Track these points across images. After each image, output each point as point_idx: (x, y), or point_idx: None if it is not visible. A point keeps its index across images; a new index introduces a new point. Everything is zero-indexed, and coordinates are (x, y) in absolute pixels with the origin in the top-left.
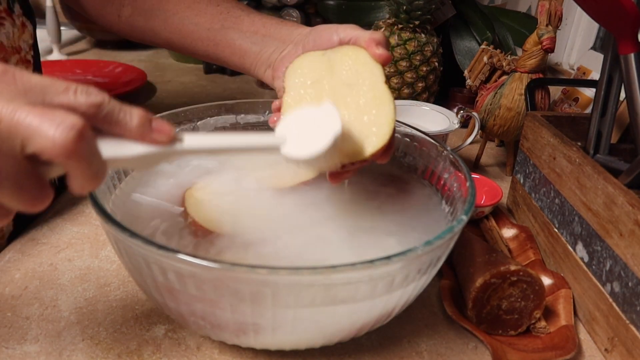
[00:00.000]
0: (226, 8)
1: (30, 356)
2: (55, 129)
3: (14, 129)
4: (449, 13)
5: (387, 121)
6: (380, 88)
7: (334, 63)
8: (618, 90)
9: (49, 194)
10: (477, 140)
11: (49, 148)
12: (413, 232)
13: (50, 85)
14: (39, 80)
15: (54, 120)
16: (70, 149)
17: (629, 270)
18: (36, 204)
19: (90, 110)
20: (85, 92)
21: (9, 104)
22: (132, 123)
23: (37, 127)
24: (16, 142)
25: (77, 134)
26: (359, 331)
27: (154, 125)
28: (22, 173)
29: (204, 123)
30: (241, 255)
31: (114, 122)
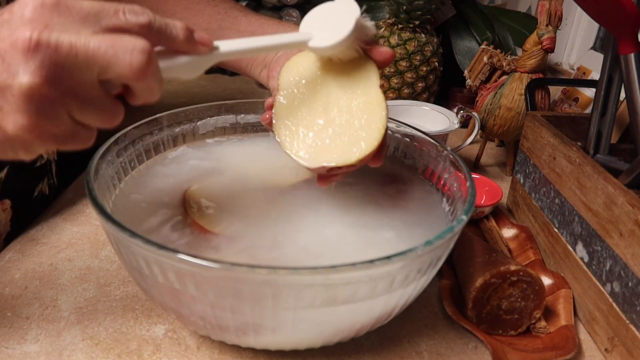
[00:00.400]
0: (224, 9)
1: (30, 356)
2: (130, 56)
3: (92, 60)
4: (449, 13)
5: (378, 127)
6: (373, 92)
7: (330, 63)
8: (618, 90)
9: (122, 108)
10: (477, 140)
11: (127, 73)
12: (413, 232)
13: (101, 10)
14: (89, 6)
15: (127, 48)
16: (144, 71)
17: (629, 270)
18: (115, 120)
19: (142, 30)
20: (133, 11)
21: (78, 36)
22: (180, 37)
23: (114, 56)
24: (94, 71)
25: (148, 57)
26: (359, 331)
27: (196, 37)
28: (102, 96)
29: (204, 123)
30: (241, 255)
31: (164, 36)
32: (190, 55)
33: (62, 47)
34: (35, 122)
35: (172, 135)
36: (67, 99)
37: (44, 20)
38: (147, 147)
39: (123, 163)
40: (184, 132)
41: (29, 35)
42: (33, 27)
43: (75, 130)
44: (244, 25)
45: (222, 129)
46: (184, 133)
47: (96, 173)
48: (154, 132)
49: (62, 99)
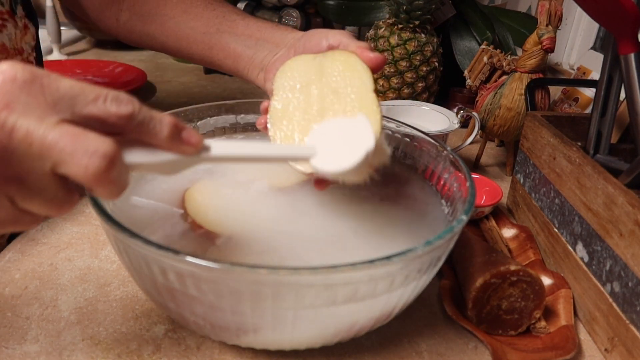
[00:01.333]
0: (222, 12)
1: (30, 356)
2: (88, 158)
3: (46, 152)
4: (449, 13)
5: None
6: (368, 97)
7: (325, 67)
8: (618, 90)
9: (75, 198)
10: (477, 140)
11: (81, 176)
12: (413, 232)
13: (79, 94)
14: (67, 88)
15: (88, 148)
16: (100, 178)
17: (629, 270)
18: (64, 209)
19: (120, 121)
20: (116, 100)
21: (40, 123)
22: (163, 134)
23: (70, 155)
24: (47, 164)
25: (109, 163)
26: (359, 331)
27: (183, 136)
28: (52, 187)
29: (204, 123)
30: (241, 255)
31: (144, 132)
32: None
33: (17, 132)
34: None
35: None
36: (10, 184)
37: (9, 98)
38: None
39: None
40: None
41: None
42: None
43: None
44: (242, 29)
45: (222, 129)
46: None
47: None
48: None
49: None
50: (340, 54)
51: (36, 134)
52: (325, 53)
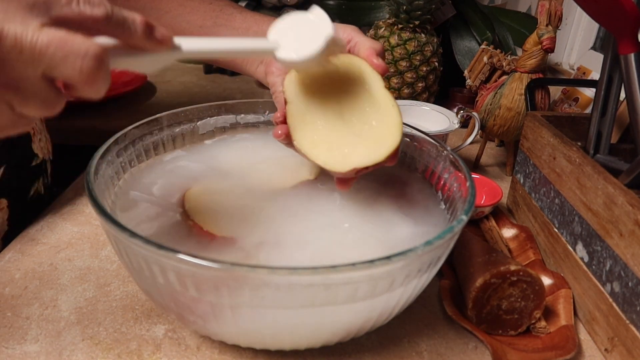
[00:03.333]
0: (219, 6)
1: (30, 356)
2: (81, 61)
3: (38, 58)
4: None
5: (396, 123)
6: (382, 93)
7: (331, 72)
8: (618, 90)
9: (64, 99)
10: (477, 140)
11: (75, 78)
12: (412, 232)
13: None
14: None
15: (78, 51)
16: (94, 77)
17: (629, 270)
18: (56, 110)
19: (97, 23)
20: (88, 2)
21: (25, 27)
22: (137, 33)
23: (63, 59)
24: (39, 68)
25: (100, 62)
26: (359, 331)
27: (156, 35)
28: (44, 89)
29: (204, 123)
30: (241, 255)
31: (120, 31)
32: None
33: (6, 39)
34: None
35: (172, 135)
36: (7, 91)
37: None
38: (147, 147)
39: (123, 163)
40: (184, 132)
41: None
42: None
43: (14, 120)
44: (239, 22)
45: (222, 129)
46: (184, 133)
47: (96, 173)
48: (154, 132)
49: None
50: (345, 57)
51: (25, 40)
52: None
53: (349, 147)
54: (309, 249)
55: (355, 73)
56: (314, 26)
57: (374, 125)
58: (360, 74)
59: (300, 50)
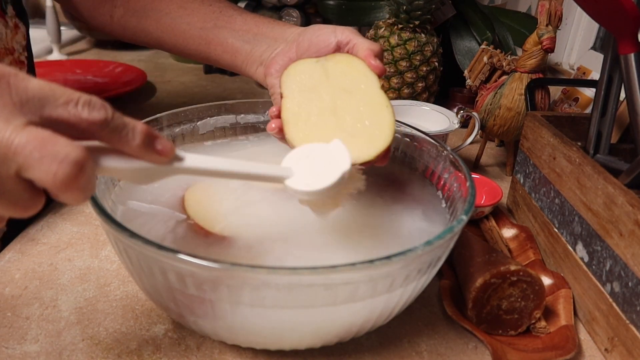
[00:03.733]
0: (219, 7)
1: (30, 356)
2: (57, 165)
3: (12, 156)
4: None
5: (389, 123)
6: (377, 93)
7: (329, 69)
8: (618, 90)
9: (41, 200)
10: (477, 140)
11: (49, 182)
12: (413, 232)
13: (50, 95)
14: (37, 88)
15: (57, 155)
16: (68, 185)
17: (629, 270)
18: (29, 211)
19: (92, 127)
20: (88, 105)
21: (6, 126)
22: (135, 142)
23: (38, 160)
24: (12, 167)
25: (79, 170)
26: (359, 331)
27: (156, 145)
28: (17, 190)
29: (204, 123)
30: (241, 255)
31: (116, 139)
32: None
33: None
34: None
35: (172, 135)
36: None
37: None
38: None
39: None
40: (184, 132)
41: None
42: None
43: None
44: (239, 24)
45: (222, 129)
46: (184, 133)
47: None
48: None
49: None
50: (341, 56)
51: (1, 137)
52: (327, 56)
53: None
54: (307, 249)
55: (352, 72)
56: (331, 159)
57: (367, 124)
58: (357, 74)
59: (312, 183)
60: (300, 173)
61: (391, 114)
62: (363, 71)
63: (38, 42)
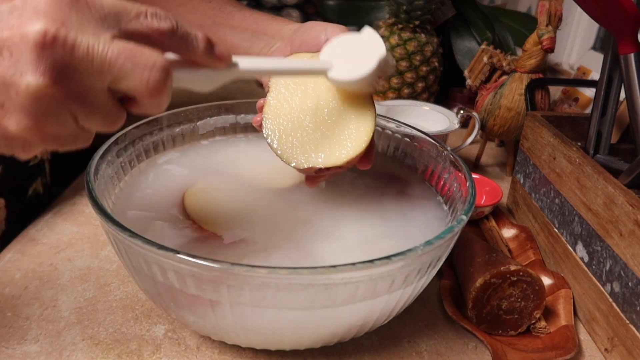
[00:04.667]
0: (218, 4)
1: (30, 356)
2: (148, 73)
3: (107, 69)
4: (449, 13)
5: (366, 130)
6: (364, 99)
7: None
8: (618, 90)
9: (124, 115)
10: (477, 140)
11: (141, 90)
12: (413, 232)
13: (123, 10)
14: (110, 5)
15: (147, 63)
16: (159, 89)
17: (629, 270)
18: (117, 126)
19: (163, 36)
20: (156, 15)
21: (98, 40)
22: (200, 48)
23: (131, 70)
24: (106, 80)
25: (166, 74)
26: (359, 331)
27: (216, 50)
28: (108, 102)
29: (204, 123)
30: (241, 255)
31: (184, 46)
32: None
33: (78, 49)
34: (39, 123)
35: (172, 135)
36: (74, 103)
37: (62, 16)
38: (147, 147)
39: (123, 163)
40: (184, 132)
41: (44, 30)
42: (49, 21)
43: (77, 133)
44: (238, 21)
45: (222, 129)
46: (184, 133)
47: (96, 173)
48: (154, 132)
49: (68, 103)
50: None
51: (96, 51)
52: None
53: (314, 145)
54: (306, 249)
55: None
56: (367, 47)
57: (345, 128)
58: None
59: (352, 71)
60: (340, 64)
61: (371, 120)
62: None
63: None
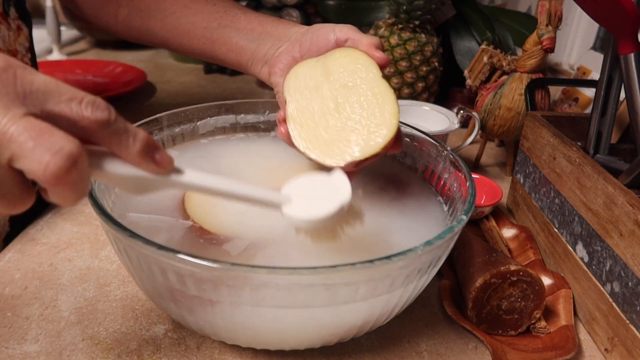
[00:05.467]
0: (223, 7)
1: (30, 356)
2: (50, 157)
3: (6, 142)
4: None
5: (393, 112)
6: (379, 83)
7: (329, 67)
8: (618, 90)
9: (30, 197)
10: (477, 140)
11: (39, 173)
12: (413, 232)
13: (54, 91)
14: (42, 83)
15: (51, 146)
16: (60, 177)
17: (629, 270)
18: (17, 207)
19: (92, 126)
20: (92, 104)
21: (5, 112)
22: (134, 148)
23: (31, 150)
24: (5, 155)
25: (71, 164)
26: (359, 331)
27: (155, 155)
28: (6, 181)
29: (204, 123)
30: (240, 255)
31: (115, 142)
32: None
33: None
34: None
35: (172, 135)
36: None
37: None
38: None
39: None
40: (184, 132)
41: None
42: None
43: None
44: (243, 23)
45: (222, 129)
46: (184, 133)
47: None
48: (154, 132)
49: None
50: (340, 51)
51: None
52: (326, 54)
53: (345, 141)
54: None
55: (351, 66)
56: (332, 189)
57: (372, 115)
58: (357, 67)
59: (309, 212)
60: (299, 201)
61: (395, 102)
62: (362, 62)
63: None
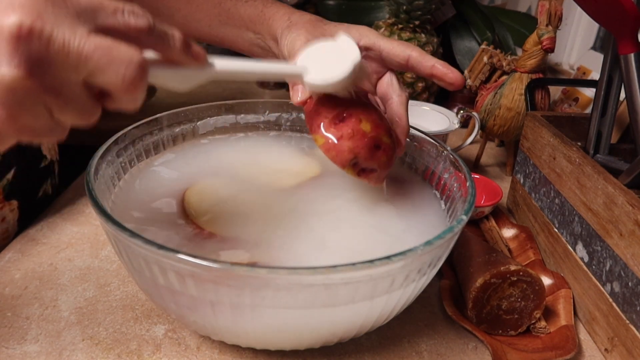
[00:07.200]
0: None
1: (30, 356)
2: (125, 69)
3: (83, 63)
4: (449, 13)
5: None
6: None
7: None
8: (618, 90)
9: (99, 109)
10: (477, 140)
11: (117, 85)
12: (413, 232)
13: (99, 6)
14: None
15: (123, 59)
16: (135, 85)
17: (629, 270)
18: (92, 120)
19: (140, 33)
20: (133, 12)
21: (73, 33)
22: (176, 47)
23: (107, 65)
24: (81, 74)
25: (142, 72)
26: (359, 331)
27: (192, 50)
28: (84, 96)
29: (204, 123)
30: (240, 255)
31: (160, 44)
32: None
33: (54, 42)
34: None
35: (172, 135)
36: (49, 96)
37: (38, 9)
38: (147, 147)
39: (123, 163)
40: (184, 132)
41: (20, 23)
42: (25, 14)
43: (51, 126)
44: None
45: (222, 129)
46: (184, 133)
47: (96, 173)
48: (154, 132)
49: (43, 96)
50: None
51: (72, 45)
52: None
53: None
54: (306, 249)
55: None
56: (342, 52)
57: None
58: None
59: (327, 75)
60: (315, 69)
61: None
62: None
63: None
